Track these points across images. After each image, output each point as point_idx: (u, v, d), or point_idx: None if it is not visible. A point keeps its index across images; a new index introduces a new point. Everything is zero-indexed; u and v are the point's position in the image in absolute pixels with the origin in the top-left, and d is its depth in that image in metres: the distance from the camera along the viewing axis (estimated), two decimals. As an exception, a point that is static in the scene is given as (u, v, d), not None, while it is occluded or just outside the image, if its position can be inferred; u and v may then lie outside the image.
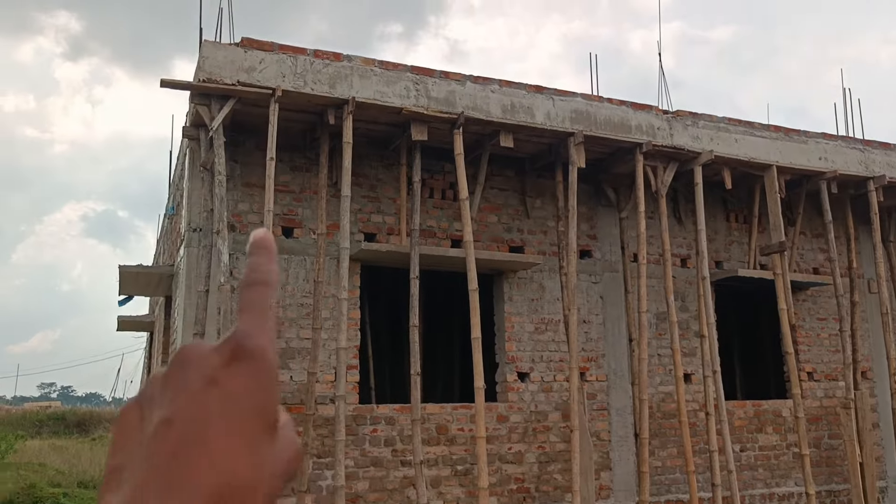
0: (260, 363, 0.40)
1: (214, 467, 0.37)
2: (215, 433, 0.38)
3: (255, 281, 0.43)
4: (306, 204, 8.44)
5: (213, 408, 0.39)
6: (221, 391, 0.39)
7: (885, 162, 10.55)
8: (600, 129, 8.83)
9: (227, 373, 0.39)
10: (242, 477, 0.38)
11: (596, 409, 9.38)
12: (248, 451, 0.38)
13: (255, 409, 0.39)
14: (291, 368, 8.05)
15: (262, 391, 0.40)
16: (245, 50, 7.36)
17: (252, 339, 0.40)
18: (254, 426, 0.39)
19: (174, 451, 0.38)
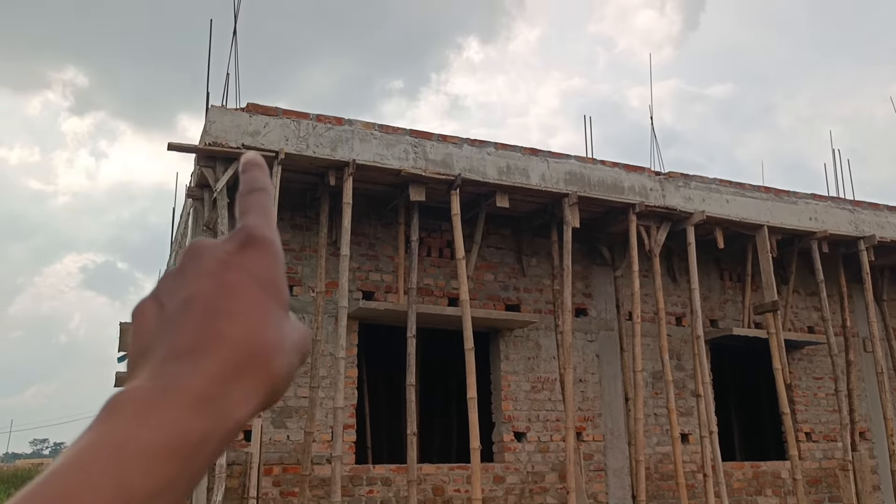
0: (269, 248, 0.42)
1: (239, 329, 0.39)
2: (236, 303, 0.40)
3: (253, 188, 0.46)
4: (306, 262, 8.57)
5: (231, 283, 0.40)
6: (238, 270, 0.41)
7: (874, 222, 10.74)
8: (594, 189, 9.03)
9: (240, 256, 0.41)
10: (266, 339, 0.39)
11: (593, 469, 9.34)
12: (268, 318, 0.40)
13: (270, 284, 0.41)
14: (288, 428, 8.05)
15: (274, 271, 0.42)
16: (250, 115, 7.59)
17: (259, 230, 0.43)
18: (271, 299, 0.41)
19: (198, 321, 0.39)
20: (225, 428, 0.37)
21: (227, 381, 0.38)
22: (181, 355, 0.38)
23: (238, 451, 7.69)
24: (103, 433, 0.35)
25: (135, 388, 0.37)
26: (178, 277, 0.42)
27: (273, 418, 8.00)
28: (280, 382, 0.40)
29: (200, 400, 0.37)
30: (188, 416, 0.36)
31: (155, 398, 0.36)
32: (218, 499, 7.11)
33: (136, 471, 0.34)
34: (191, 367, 0.37)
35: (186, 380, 0.37)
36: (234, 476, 7.58)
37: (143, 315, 0.42)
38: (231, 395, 0.37)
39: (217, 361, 0.38)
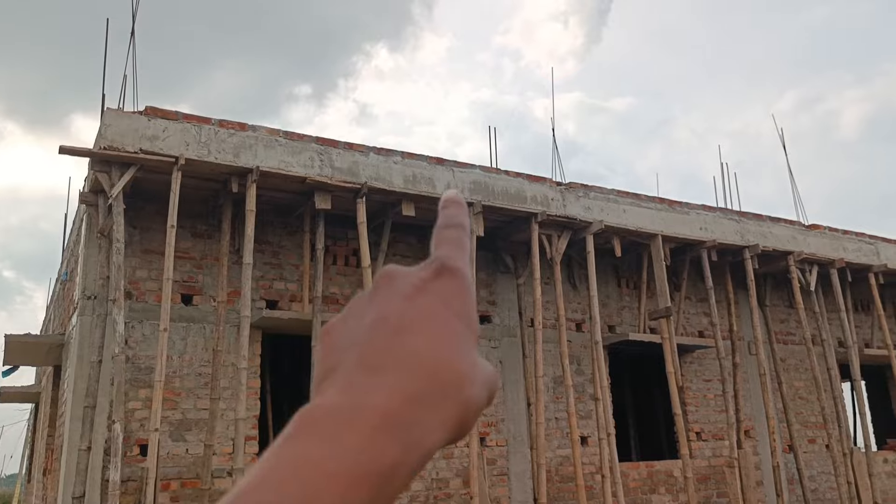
0: (463, 280, 0.42)
1: (431, 350, 0.38)
2: (429, 325, 0.39)
3: (451, 224, 0.46)
4: (207, 271, 8.36)
5: (424, 306, 0.40)
6: (432, 295, 0.41)
7: (758, 232, 11.38)
8: (498, 199, 9.20)
9: (434, 283, 0.41)
10: (459, 365, 0.38)
11: (496, 474, 9.50)
12: (461, 345, 0.39)
13: (463, 313, 0.41)
14: (187, 441, 7.83)
15: (467, 302, 0.41)
16: (149, 118, 7.36)
17: (454, 261, 0.43)
18: (464, 328, 0.40)
19: (388, 337, 0.39)
20: (416, 456, 0.36)
21: (419, 405, 0.36)
22: (370, 369, 0.37)
23: (133, 467, 7.42)
24: (294, 452, 0.34)
25: (325, 404, 0.37)
26: (369, 300, 0.42)
27: (171, 432, 7.76)
28: (470, 415, 0.38)
29: (391, 423, 0.35)
30: (380, 441, 0.35)
31: (345, 417, 0.36)
32: (112, 517, 6.83)
33: (326, 496, 0.33)
34: (380, 383, 0.37)
35: (376, 398, 0.36)
36: (128, 493, 7.31)
37: (331, 334, 0.42)
38: (423, 422, 0.36)
39: (408, 381, 0.37)
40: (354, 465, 0.34)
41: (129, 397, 7.55)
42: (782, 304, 12.53)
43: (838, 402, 11.53)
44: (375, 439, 0.35)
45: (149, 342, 7.84)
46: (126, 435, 7.33)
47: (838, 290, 11.78)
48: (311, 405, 0.37)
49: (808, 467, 11.59)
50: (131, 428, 7.59)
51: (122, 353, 7.07)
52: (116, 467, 6.81)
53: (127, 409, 7.41)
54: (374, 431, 0.35)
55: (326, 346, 0.42)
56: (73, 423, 7.41)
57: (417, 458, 0.36)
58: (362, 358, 0.38)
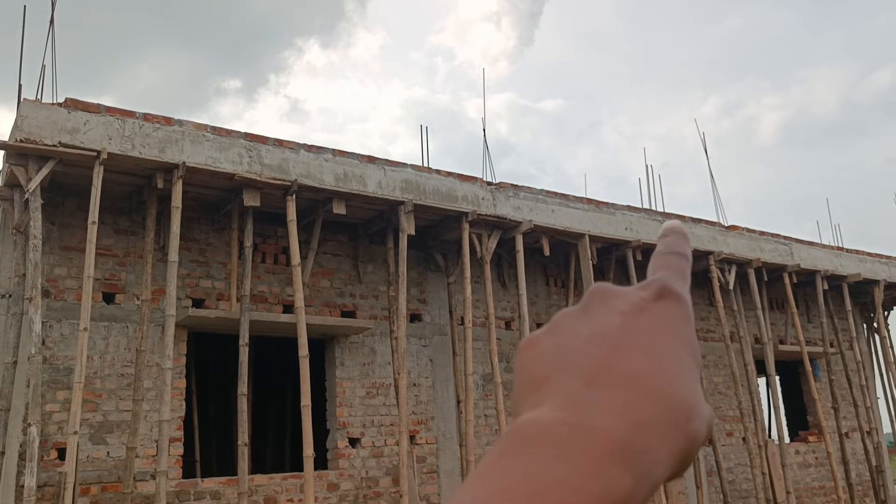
0: (685, 306, 0.40)
1: (655, 373, 0.36)
2: (652, 346, 0.37)
3: (672, 251, 0.45)
4: (130, 269, 8.12)
5: (646, 326, 0.38)
6: (653, 317, 0.38)
7: (681, 233, 11.72)
8: (429, 198, 9.23)
9: (656, 305, 0.39)
10: (684, 395, 0.36)
11: (426, 472, 9.54)
12: (685, 372, 0.37)
13: (687, 340, 0.38)
14: (108, 443, 7.60)
15: (690, 329, 0.39)
16: (69, 111, 7.09)
17: (676, 286, 0.41)
18: (688, 356, 0.38)
19: (609, 354, 0.37)
20: (646, 489, 0.33)
21: (650, 432, 0.34)
22: (592, 383, 0.35)
23: (50, 471, 7.17)
24: (521, 471, 0.32)
25: (545, 419, 0.34)
26: (580, 315, 0.40)
27: (91, 434, 7.52)
28: (693, 450, 0.36)
29: (623, 449, 0.33)
30: (612, 468, 0.32)
31: (572, 436, 0.33)
32: (28, 524, 6.58)
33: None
34: (606, 401, 0.34)
35: (604, 418, 0.34)
36: (45, 498, 7.06)
37: (537, 347, 0.40)
38: (653, 451, 0.34)
39: (635, 403, 0.34)
40: (587, 494, 0.31)
41: (46, 399, 7.28)
42: (703, 303, 12.95)
43: (754, 396, 12.00)
44: (607, 466, 0.32)
45: (68, 342, 7.57)
46: (43, 438, 7.07)
47: (755, 288, 12.25)
48: (528, 419, 0.35)
49: (726, 459, 12.03)
50: (48, 431, 7.32)
51: (38, 353, 6.81)
52: (32, 472, 6.56)
53: (44, 412, 7.14)
54: (606, 457, 0.32)
55: (531, 357, 0.40)
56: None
57: (646, 491, 0.33)
58: (582, 372, 0.36)
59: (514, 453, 0.33)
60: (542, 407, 0.35)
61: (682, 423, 0.35)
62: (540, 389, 0.37)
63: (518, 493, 0.31)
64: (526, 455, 0.33)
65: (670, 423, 0.35)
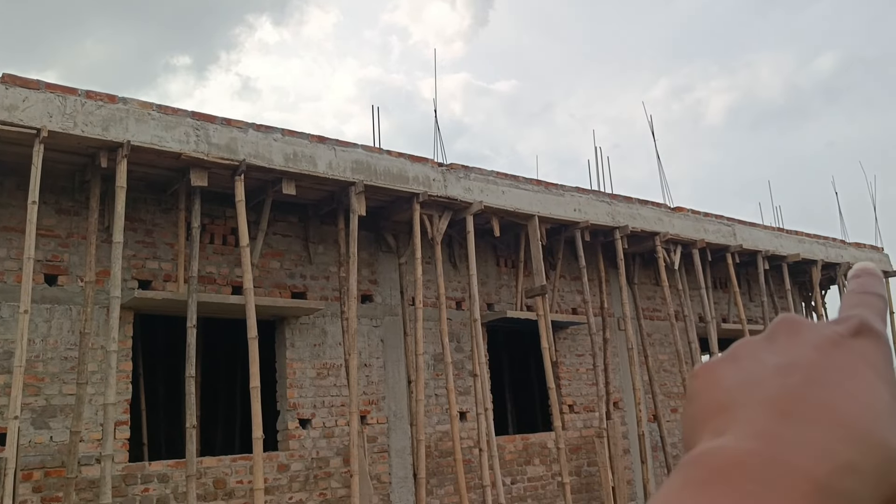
0: (886, 347, 0.38)
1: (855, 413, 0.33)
2: (851, 385, 0.34)
3: (868, 291, 0.42)
4: (73, 250, 7.94)
5: (844, 363, 0.35)
6: (851, 353, 0.36)
7: (628, 213, 11.93)
8: (380, 179, 9.20)
9: (854, 341, 0.37)
10: (888, 439, 0.32)
11: (377, 451, 9.59)
12: (889, 417, 0.34)
13: (889, 381, 0.36)
14: (51, 428, 7.46)
15: (892, 371, 0.37)
16: (6, 87, 6.86)
17: (875, 323, 0.39)
18: (890, 398, 0.35)
19: (803, 388, 0.34)
20: None
21: (853, 477, 0.31)
22: (786, 414, 0.33)
23: (-8, 457, 7.00)
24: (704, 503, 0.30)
25: (734, 449, 0.32)
26: (765, 345, 0.38)
27: (33, 419, 7.37)
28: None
29: (824, 492, 0.30)
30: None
31: (765, 470, 0.30)
32: (-31, 511, 6.44)
33: None
34: (803, 438, 0.31)
35: (803, 456, 0.31)
36: (-14, 484, 6.89)
37: (715, 373, 0.38)
38: (855, 499, 0.30)
39: (835, 443, 0.31)
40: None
41: (-14, 384, 7.10)
42: (649, 282, 13.22)
43: (698, 373, 12.31)
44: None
45: (7, 325, 7.39)
46: (-17, 424, 6.90)
47: (699, 268, 12.54)
48: (713, 447, 0.32)
49: (671, 435, 12.35)
50: (-11, 416, 7.15)
51: (-22, 337, 6.62)
52: (-27, 458, 6.41)
53: (-16, 397, 6.96)
54: (804, 498, 0.29)
55: (710, 382, 0.37)
56: (-78, 412, 6.90)
57: None
58: (774, 402, 0.34)
59: (700, 484, 0.31)
60: (727, 436, 0.33)
61: (886, 471, 0.32)
62: (722, 417, 0.35)
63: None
64: (712, 487, 0.30)
65: (875, 470, 0.31)
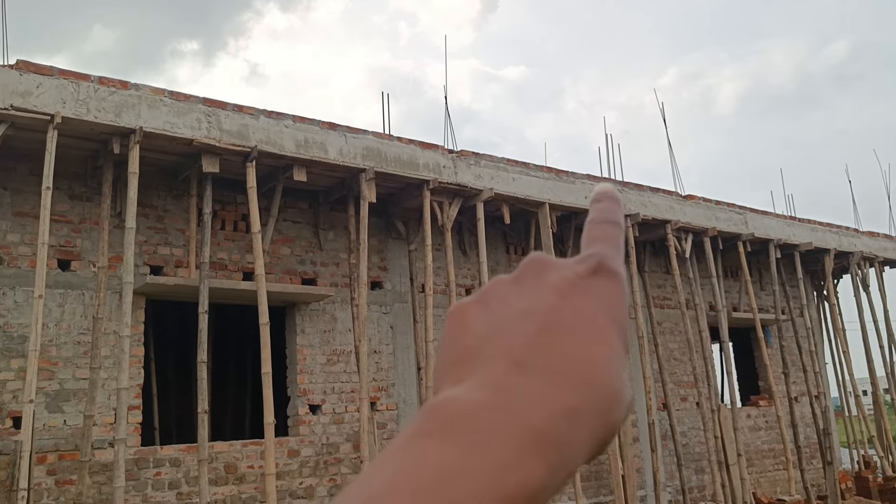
0: (621, 284, 0.39)
1: (586, 358, 0.34)
2: (585, 329, 0.35)
3: (606, 220, 0.43)
4: (86, 235, 7.99)
5: (581, 307, 0.36)
6: (588, 296, 0.37)
7: (638, 201, 11.89)
8: (390, 165, 9.20)
9: (591, 282, 0.38)
10: (613, 383, 0.34)
11: (386, 438, 9.63)
12: (615, 357, 0.35)
13: (620, 322, 0.37)
14: (65, 412, 7.53)
15: (622, 309, 0.38)
16: (20, 73, 6.89)
17: (612, 262, 0.39)
18: (618, 340, 0.36)
19: (541, 335, 0.35)
20: (560, 479, 0.32)
21: (574, 423, 0.32)
22: (521, 367, 0.33)
23: (5, 440, 7.09)
24: (433, 456, 0.30)
25: (468, 400, 0.33)
26: (514, 286, 0.38)
27: (47, 403, 7.44)
28: (613, 437, 0.34)
29: (545, 440, 0.31)
30: (530, 460, 0.31)
31: (494, 422, 0.31)
32: (-16, 492, 6.52)
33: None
34: (534, 388, 0.32)
35: (531, 407, 0.32)
36: (1, 467, 6.99)
37: (466, 315, 0.38)
38: (574, 442, 0.32)
39: (564, 391, 0.33)
40: (501, 486, 0.30)
41: (0, 368, 7.17)
42: (660, 271, 13.19)
43: (708, 362, 12.30)
44: (526, 457, 0.30)
45: (22, 310, 7.45)
46: (-2, 407, 6.98)
47: (710, 257, 12.50)
48: (447, 398, 0.33)
49: (680, 423, 12.36)
50: (3, 400, 7.23)
51: (-8, 321, 6.69)
52: (-12, 441, 6.48)
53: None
54: (526, 448, 0.31)
55: (459, 327, 0.38)
56: (-63, 395, 6.98)
57: (560, 481, 0.32)
58: (510, 350, 0.34)
59: (429, 436, 0.31)
60: (462, 385, 0.34)
61: (605, 412, 0.34)
62: (464, 365, 0.36)
63: (426, 482, 0.29)
64: (441, 438, 0.31)
65: (594, 412, 0.33)
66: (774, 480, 13.75)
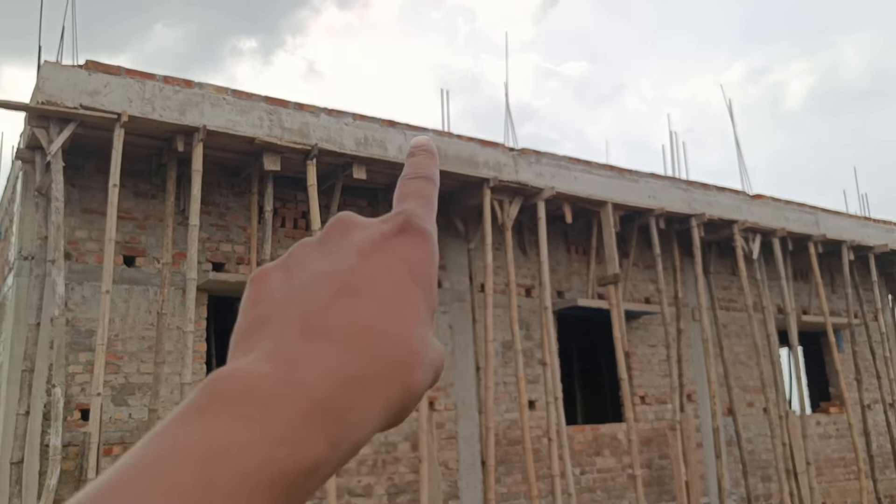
0: (428, 242, 0.37)
1: (383, 321, 0.33)
2: (385, 290, 0.34)
3: (418, 175, 0.41)
4: (150, 232, 8.12)
5: (382, 268, 0.35)
6: (391, 255, 0.35)
7: (704, 201, 11.56)
8: (450, 163, 9.13)
9: (396, 241, 0.36)
10: (412, 342, 0.33)
11: (444, 438, 9.56)
12: (417, 318, 0.34)
13: (424, 281, 0.36)
14: (130, 405, 7.68)
15: (429, 269, 0.36)
16: (89, 73, 7.04)
17: (421, 220, 0.38)
18: (422, 300, 0.35)
19: (336, 298, 0.33)
20: (344, 450, 0.30)
21: (358, 388, 0.31)
22: (309, 334, 0.32)
23: (74, 432, 7.25)
24: (199, 433, 0.28)
25: (248, 372, 0.30)
26: (317, 248, 0.37)
27: (113, 396, 7.59)
28: (413, 402, 0.33)
29: (322, 409, 0.30)
30: (306, 432, 0.29)
31: (271, 395, 0.29)
32: (52, 483, 6.68)
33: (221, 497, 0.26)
34: (318, 355, 0.31)
35: (311, 375, 0.30)
36: (69, 458, 7.15)
37: (266, 280, 0.36)
38: (360, 408, 0.31)
39: (350, 356, 0.31)
40: (269, 462, 0.28)
41: (69, 361, 7.34)
42: (726, 272, 12.81)
43: (776, 367, 11.89)
44: (301, 430, 0.29)
45: (89, 304, 7.61)
46: (66, 399, 7.14)
47: (779, 258, 12.08)
48: (230, 369, 0.31)
49: (746, 430, 11.97)
50: (71, 392, 7.39)
51: (61, 315, 6.85)
52: (57, 432, 6.64)
53: (67, 373, 7.20)
54: (301, 420, 0.29)
55: (258, 294, 0.36)
56: (10, 387, 7.19)
57: (345, 452, 0.30)
58: (301, 318, 0.33)
59: (199, 412, 0.29)
60: (248, 356, 0.32)
61: (400, 376, 0.32)
62: (255, 334, 0.34)
63: (185, 461, 0.27)
64: (213, 415, 0.28)
65: (386, 377, 0.32)
66: (845, 491, 13.23)
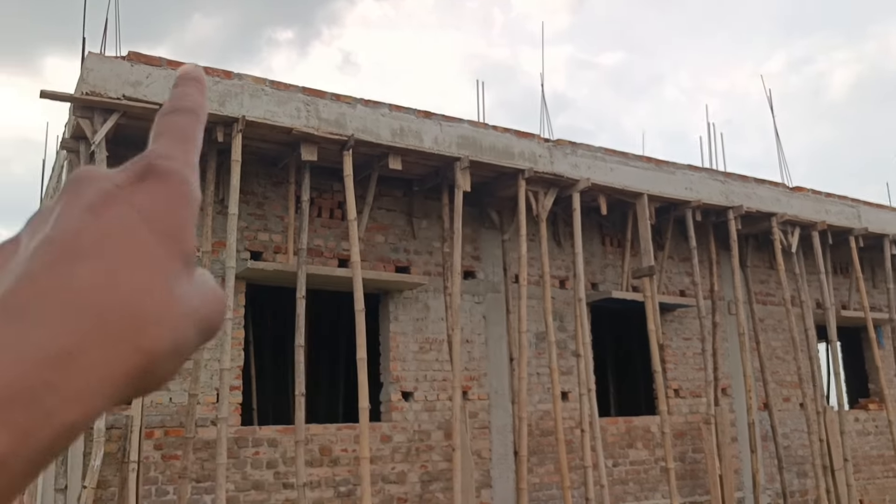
0: (176, 185, 0.33)
1: (105, 285, 0.29)
2: (112, 251, 0.30)
3: (179, 108, 0.37)
4: (190, 221, 8.27)
5: (112, 224, 0.31)
6: (126, 207, 0.31)
7: (742, 193, 11.43)
8: (485, 154, 9.14)
9: (133, 190, 0.32)
10: (140, 299, 0.29)
11: (477, 427, 9.62)
12: (152, 272, 0.30)
13: (166, 229, 0.32)
14: (171, 390, 7.84)
15: (177, 214, 0.32)
16: (132, 64, 7.19)
17: (168, 161, 0.34)
18: (164, 247, 0.31)
19: (49, 266, 0.29)
20: (44, 439, 0.27)
21: (63, 364, 0.27)
22: (10, 315, 0.28)
23: (117, 415, 7.44)
24: None
25: None
26: (48, 215, 0.32)
27: (155, 381, 7.76)
28: (158, 363, 0.30)
29: (9, 398, 0.26)
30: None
31: None
32: (96, 464, 6.87)
33: None
34: (15, 338, 0.27)
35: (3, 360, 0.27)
36: (112, 440, 7.34)
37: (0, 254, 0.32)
38: (63, 388, 0.27)
39: (55, 331, 0.27)
40: None
41: (112, 346, 7.52)
42: (763, 266, 12.65)
43: (814, 362, 11.73)
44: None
45: (132, 291, 7.78)
46: (109, 383, 7.32)
47: (819, 252, 11.89)
48: None
49: (782, 425, 11.84)
50: (114, 376, 7.58)
51: (105, 301, 7.02)
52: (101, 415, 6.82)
53: (110, 358, 7.38)
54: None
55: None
56: (55, 370, 7.39)
57: (47, 441, 0.27)
58: (7, 298, 0.28)
59: None
60: None
61: (130, 338, 0.29)
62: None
63: None
64: None
65: (106, 345, 0.28)
66: (884, 488, 13.03)
